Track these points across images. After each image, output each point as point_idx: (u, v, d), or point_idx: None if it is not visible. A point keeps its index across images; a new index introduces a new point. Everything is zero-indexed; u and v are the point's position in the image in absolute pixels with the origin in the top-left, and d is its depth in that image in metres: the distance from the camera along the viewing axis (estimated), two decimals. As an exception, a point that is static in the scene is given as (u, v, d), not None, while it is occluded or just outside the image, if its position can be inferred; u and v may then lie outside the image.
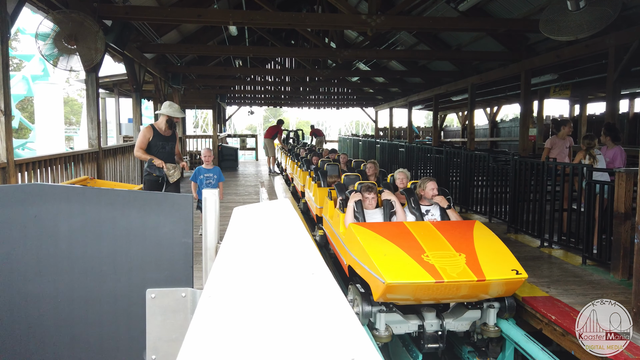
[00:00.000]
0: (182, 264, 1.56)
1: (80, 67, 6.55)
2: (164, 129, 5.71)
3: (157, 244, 1.55)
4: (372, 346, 0.68)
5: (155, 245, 1.55)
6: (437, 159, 10.16)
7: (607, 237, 5.11)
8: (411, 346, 4.27)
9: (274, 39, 14.53)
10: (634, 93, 13.02)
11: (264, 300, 0.96)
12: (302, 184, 9.79)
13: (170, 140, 5.77)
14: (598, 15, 5.75)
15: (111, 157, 8.12)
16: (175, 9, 7.99)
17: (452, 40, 12.27)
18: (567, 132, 7.03)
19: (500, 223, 7.48)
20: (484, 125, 22.17)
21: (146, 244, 1.54)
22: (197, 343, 0.76)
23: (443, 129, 26.35)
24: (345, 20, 8.10)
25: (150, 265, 1.53)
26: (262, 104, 25.98)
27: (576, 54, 7.98)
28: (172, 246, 1.56)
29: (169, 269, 1.54)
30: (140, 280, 1.49)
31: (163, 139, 5.70)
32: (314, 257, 1.24)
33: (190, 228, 1.61)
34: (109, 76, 13.74)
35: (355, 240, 4.23)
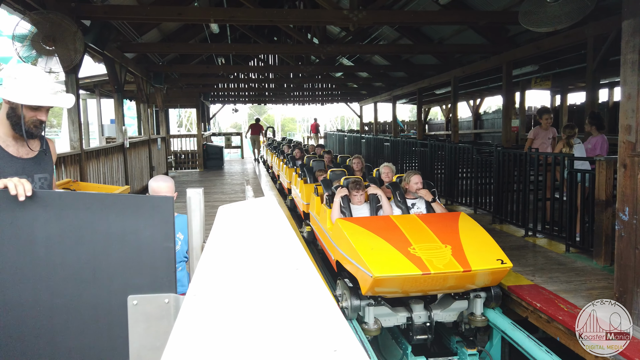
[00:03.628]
0: (165, 269, 1.53)
1: (59, 69, 6.45)
2: (13, 142, 2.35)
3: (138, 249, 1.52)
4: (354, 338, 0.69)
5: (136, 250, 1.52)
6: (422, 152, 10.23)
7: (589, 224, 5.21)
8: (400, 338, 4.31)
9: (257, 36, 14.45)
10: (613, 82, 13.23)
11: (248, 297, 0.97)
12: (289, 180, 9.78)
13: (35, 165, 2.41)
14: (576, 6, 5.82)
15: (94, 159, 8.02)
16: (155, 8, 7.90)
17: (434, 33, 12.33)
18: (548, 123, 7.11)
19: (485, 214, 7.57)
20: (467, 118, 22.35)
21: (127, 249, 1.52)
22: (182, 341, 0.77)
23: (427, 123, 26.50)
24: (327, 15, 8.09)
25: (131, 270, 1.50)
26: (246, 101, 25.86)
27: (556, 45, 8.08)
28: (153, 251, 1.53)
29: (151, 275, 1.51)
30: (121, 287, 1.46)
31: (17, 164, 2.33)
32: (299, 253, 1.25)
33: (172, 232, 1.59)
34: (89, 77, 13.55)
35: (342, 235, 4.25)
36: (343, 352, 0.67)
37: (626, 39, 3.44)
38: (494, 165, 7.06)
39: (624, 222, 3.51)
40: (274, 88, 21.76)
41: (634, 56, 3.37)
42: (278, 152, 13.53)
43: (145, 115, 12.81)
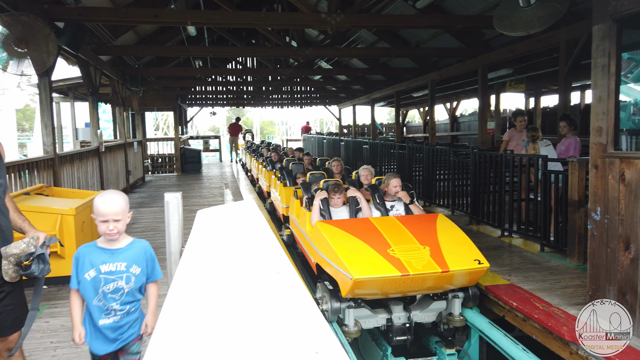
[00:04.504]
0: None
1: (32, 71, 6.30)
2: None
3: None
4: (335, 340, 0.70)
5: None
6: (401, 154, 10.32)
7: (562, 224, 5.33)
8: (380, 340, 4.34)
9: (235, 39, 14.38)
10: (585, 85, 13.58)
11: (229, 302, 0.97)
12: (268, 184, 9.75)
13: None
14: (548, 10, 5.97)
15: (68, 164, 7.86)
16: (131, 10, 7.79)
17: (411, 37, 12.47)
18: (522, 125, 7.26)
19: (462, 215, 7.67)
20: (444, 120, 22.64)
21: None
22: (162, 349, 0.76)
23: (405, 125, 26.76)
24: (305, 19, 8.11)
25: None
26: (225, 104, 25.65)
27: (529, 49, 8.26)
28: None
29: None
30: None
31: None
32: (279, 256, 1.25)
33: None
34: (62, 80, 13.26)
35: (322, 238, 4.25)
36: (324, 354, 0.68)
37: (596, 43, 3.54)
38: (470, 167, 7.17)
39: (596, 221, 3.61)
40: (252, 91, 21.68)
41: (604, 60, 3.47)
42: (257, 155, 13.48)
43: (121, 119, 12.61)
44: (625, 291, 3.34)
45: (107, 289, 2.28)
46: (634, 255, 3.26)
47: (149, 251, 2.43)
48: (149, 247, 2.44)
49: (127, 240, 2.41)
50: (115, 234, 2.29)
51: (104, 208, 2.25)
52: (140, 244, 2.42)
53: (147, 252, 2.42)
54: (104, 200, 2.27)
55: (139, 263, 2.37)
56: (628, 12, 3.28)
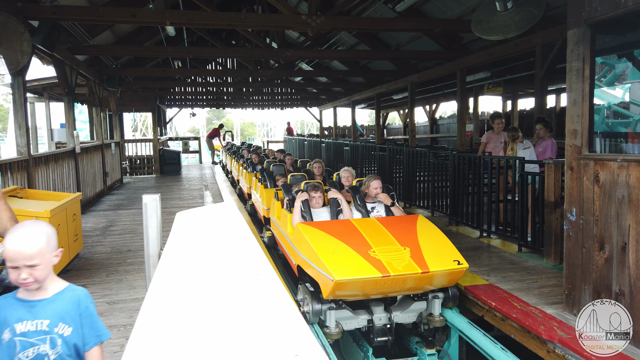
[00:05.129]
0: None
1: (5, 71, 6.16)
2: None
3: None
4: (315, 342, 0.69)
5: None
6: (381, 156, 10.38)
7: (539, 225, 5.42)
8: (361, 341, 4.35)
9: (214, 40, 14.28)
10: (560, 89, 13.88)
11: (208, 304, 0.95)
12: (249, 185, 9.69)
13: None
14: (524, 15, 6.09)
15: (43, 165, 7.68)
16: (108, 9, 7.67)
17: (391, 40, 12.57)
18: (500, 127, 7.37)
19: (442, 216, 7.75)
20: (424, 123, 22.87)
21: None
22: (139, 352, 0.74)
23: (386, 127, 26.94)
24: (285, 20, 8.10)
25: None
26: (204, 105, 25.45)
27: (506, 53, 8.41)
28: None
29: None
30: None
31: None
32: (259, 258, 1.24)
33: None
34: (37, 79, 12.97)
35: (303, 239, 4.24)
36: (304, 356, 0.67)
37: (571, 47, 3.61)
38: (449, 169, 7.24)
39: (571, 222, 3.68)
40: (232, 92, 21.56)
41: (579, 64, 3.54)
42: (237, 157, 13.39)
43: (97, 120, 12.39)
44: (600, 290, 3.41)
45: (26, 356, 1.66)
46: (608, 255, 3.34)
47: (85, 303, 1.74)
48: (86, 297, 1.76)
49: (57, 287, 1.75)
50: (31, 284, 1.66)
51: (12, 249, 1.62)
52: (73, 294, 1.75)
53: (82, 305, 1.73)
54: (14, 238, 1.64)
55: (69, 320, 1.70)
56: (601, 18, 3.36)
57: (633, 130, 10.96)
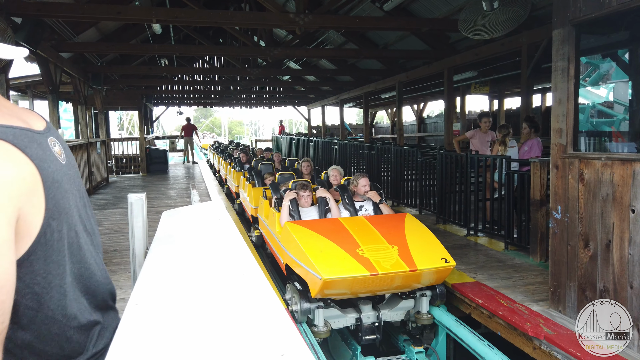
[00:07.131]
0: None
1: (-13, 68, 6.05)
2: None
3: None
4: (302, 341, 0.69)
5: None
6: (369, 155, 10.40)
7: (525, 223, 5.48)
8: (350, 339, 4.35)
9: (201, 37, 14.17)
10: (545, 88, 14.05)
11: (194, 304, 0.94)
12: (237, 184, 9.65)
13: None
14: (510, 15, 6.14)
15: (27, 164, 7.56)
16: (93, 6, 7.56)
17: (379, 39, 12.59)
18: (486, 126, 7.41)
19: (429, 214, 7.79)
20: (412, 122, 22.97)
21: None
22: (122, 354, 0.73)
23: (374, 126, 27.01)
24: (273, 18, 8.07)
25: None
26: (192, 104, 25.28)
27: (493, 52, 8.48)
28: None
29: None
30: None
31: None
32: (246, 258, 1.23)
33: None
34: (21, 77, 12.78)
35: (292, 238, 4.24)
36: (291, 356, 0.67)
37: (556, 47, 3.65)
38: (437, 168, 7.28)
39: (557, 220, 3.72)
40: (220, 90, 21.44)
41: (564, 64, 3.58)
42: (225, 156, 13.33)
43: (83, 118, 12.23)
44: (585, 287, 3.45)
45: None
46: (592, 253, 3.38)
47: None
48: None
49: None
50: None
51: None
52: None
53: None
54: None
55: None
56: (586, 18, 3.39)
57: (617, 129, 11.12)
